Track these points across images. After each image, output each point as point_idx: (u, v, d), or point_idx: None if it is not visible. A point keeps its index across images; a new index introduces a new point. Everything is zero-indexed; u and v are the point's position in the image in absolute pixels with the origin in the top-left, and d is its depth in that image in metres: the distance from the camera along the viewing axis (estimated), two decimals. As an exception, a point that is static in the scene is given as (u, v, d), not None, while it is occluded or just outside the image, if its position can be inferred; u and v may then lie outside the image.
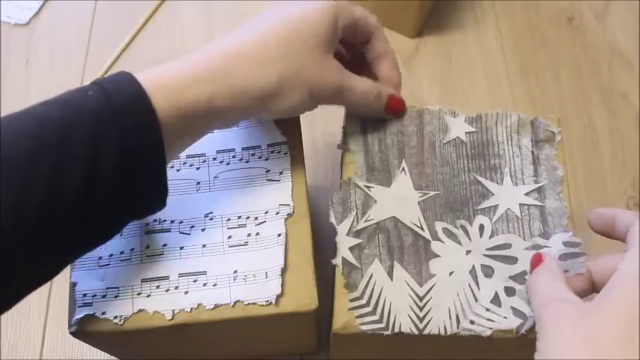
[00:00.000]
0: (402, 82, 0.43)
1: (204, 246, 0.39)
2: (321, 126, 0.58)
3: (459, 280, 0.38)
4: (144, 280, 0.38)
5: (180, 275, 0.38)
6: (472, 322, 0.36)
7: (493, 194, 0.40)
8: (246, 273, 0.38)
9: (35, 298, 0.53)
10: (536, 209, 0.40)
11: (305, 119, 0.43)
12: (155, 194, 0.35)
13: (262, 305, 0.37)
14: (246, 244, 0.39)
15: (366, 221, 0.39)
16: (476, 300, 0.37)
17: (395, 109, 0.42)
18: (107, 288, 0.37)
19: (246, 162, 0.41)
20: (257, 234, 0.39)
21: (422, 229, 0.39)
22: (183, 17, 0.67)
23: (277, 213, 0.39)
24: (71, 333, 0.37)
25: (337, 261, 0.38)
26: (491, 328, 0.36)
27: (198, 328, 0.37)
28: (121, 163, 0.32)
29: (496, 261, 0.38)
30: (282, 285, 0.37)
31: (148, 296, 0.37)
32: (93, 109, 0.32)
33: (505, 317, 0.37)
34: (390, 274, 0.38)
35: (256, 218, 0.39)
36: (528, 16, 0.67)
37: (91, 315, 0.36)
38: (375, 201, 0.40)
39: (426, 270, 0.38)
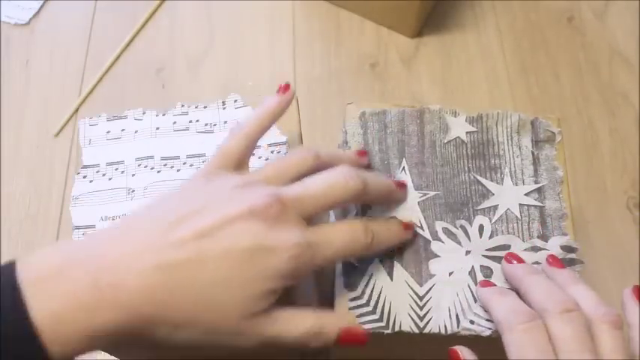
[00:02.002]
0: (403, 82, 0.42)
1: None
2: (322, 126, 0.58)
3: (459, 280, 0.38)
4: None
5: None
6: (472, 322, 0.36)
7: (493, 194, 0.40)
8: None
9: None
10: (536, 210, 0.40)
11: (305, 119, 0.43)
12: None
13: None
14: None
15: (366, 221, 0.39)
16: (475, 300, 0.37)
17: (351, 343, 0.34)
18: None
19: (246, 162, 0.41)
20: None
21: (422, 228, 0.39)
22: (184, 17, 0.67)
23: (277, 213, 0.39)
24: None
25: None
26: (490, 329, 0.36)
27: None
28: None
29: (495, 262, 0.38)
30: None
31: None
32: None
33: (505, 317, 0.36)
34: (390, 273, 0.38)
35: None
36: (528, 16, 0.67)
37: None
38: (375, 201, 0.40)
39: (425, 270, 0.38)
